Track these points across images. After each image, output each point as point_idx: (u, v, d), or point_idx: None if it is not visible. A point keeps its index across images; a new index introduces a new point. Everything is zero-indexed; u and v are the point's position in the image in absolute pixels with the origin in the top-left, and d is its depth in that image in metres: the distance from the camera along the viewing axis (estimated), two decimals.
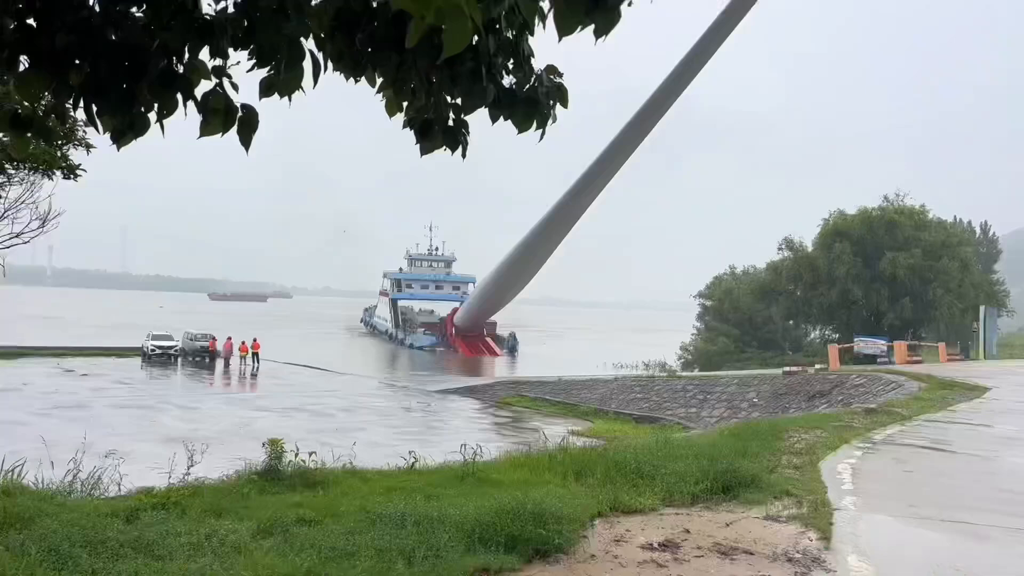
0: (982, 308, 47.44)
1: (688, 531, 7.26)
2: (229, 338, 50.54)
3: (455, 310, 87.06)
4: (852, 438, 13.26)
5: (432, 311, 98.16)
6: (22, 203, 14.61)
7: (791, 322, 66.01)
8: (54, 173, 13.21)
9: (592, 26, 3.08)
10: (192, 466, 9.11)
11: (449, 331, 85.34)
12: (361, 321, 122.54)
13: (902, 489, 9.31)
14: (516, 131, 3.59)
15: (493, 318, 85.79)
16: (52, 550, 5.67)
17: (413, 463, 10.68)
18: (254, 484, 8.59)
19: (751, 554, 6.62)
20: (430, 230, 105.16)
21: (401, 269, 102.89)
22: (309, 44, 3.43)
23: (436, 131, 3.63)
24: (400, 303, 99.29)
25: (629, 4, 3.13)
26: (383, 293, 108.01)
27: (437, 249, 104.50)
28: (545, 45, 3.65)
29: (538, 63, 3.66)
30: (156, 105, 3.27)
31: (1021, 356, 50.48)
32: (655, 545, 6.79)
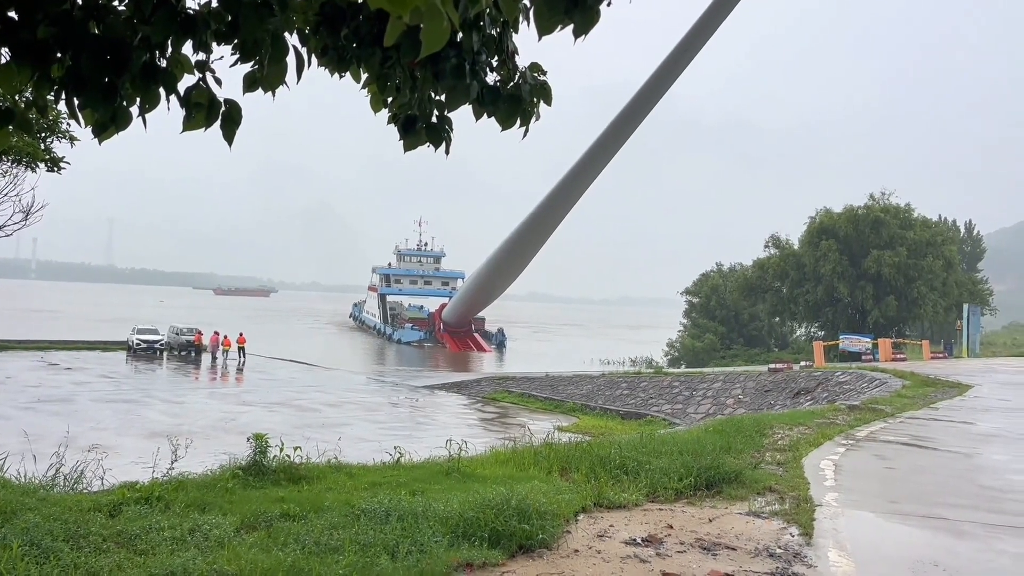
0: (966, 306, 47.88)
1: (671, 526, 7.31)
2: (216, 332, 50.32)
3: (443, 305, 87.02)
4: (835, 435, 13.38)
5: (421, 307, 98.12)
6: (5, 196, 14.51)
7: (777, 319, 66.41)
8: (37, 165, 13.12)
9: (571, 25, 3.09)
10: (176, 460, 9.08)
11: (437, 327, 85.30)
12: (350, 316, 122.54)
13: (884, 485, 9.40)
14: (500, 128, 3.61)
15: (481, 314, 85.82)
16: (34, 544, 5.64)
17: (398, 458, 10.70)
18: (238, 479, 8.57)
19: (733, 549, 6.67)
20: (419, 225, 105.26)
21: (390, 264, 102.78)
22: (293, 39, 3.43)
23: (420, 127, 3.64)
24: (389, 298, 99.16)
25: (608, 4, 3.14)
26: (372, 288, 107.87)
27: (427, 244, 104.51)
28: (531, 42, 3.66)
29: (523, 60, 3.68)
30: (138, 99, 3.26)
31: (1004, 354, 50.98)
32: (638, 540, 6.83)
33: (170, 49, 3.24)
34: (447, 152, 3.74)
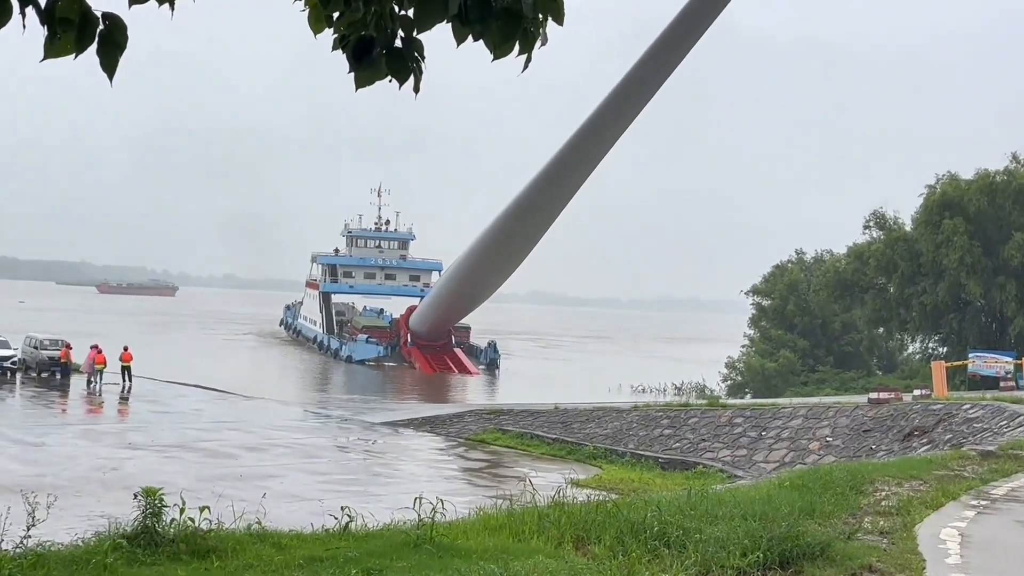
0: None
1: None
2: (94, 346, 50.24)
3: (411, 309, 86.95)
4: (962, 492, 13.41)
5: (380, 310, 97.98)
6: None
7: (881, 330, 66.41)
8: None
9: None
10: (33, 525, 9.06)
11: (403, 338, 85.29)
12: (281, 323, 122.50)
13: None
14: (491, 56, 3.59)
15: (465, 321, 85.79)
16: None
17: (347, 523, 10.69)
18: (121, 551, 8.56)
19: None
20: (378, 196, 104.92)
21: (337, 251, 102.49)
22: None
23: (378, 54, 3.62)
24: (335, 298, 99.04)
25: None
26: (311, 284, 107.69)
27: (388, 223, 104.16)
28: None
29: None
30: None
31: None
32: None
33: None
34: (416, 89, 3.72)
